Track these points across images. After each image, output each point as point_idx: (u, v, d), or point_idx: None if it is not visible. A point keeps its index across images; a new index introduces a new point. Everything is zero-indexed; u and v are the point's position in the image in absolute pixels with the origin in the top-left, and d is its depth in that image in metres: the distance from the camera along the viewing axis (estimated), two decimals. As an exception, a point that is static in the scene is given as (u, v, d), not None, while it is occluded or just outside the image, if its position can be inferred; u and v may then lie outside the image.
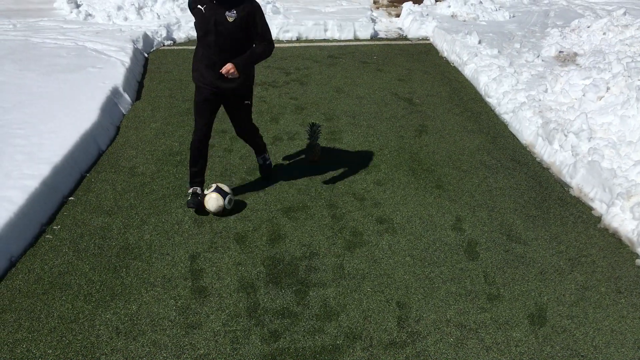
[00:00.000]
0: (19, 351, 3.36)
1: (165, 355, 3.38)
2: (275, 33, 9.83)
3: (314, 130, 5.43)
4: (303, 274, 4.07)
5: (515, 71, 7.49)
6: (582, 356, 3.44)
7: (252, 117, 4.89)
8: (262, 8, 10.18)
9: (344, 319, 3.68)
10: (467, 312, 3.77)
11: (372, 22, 10.40)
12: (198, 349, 3.43)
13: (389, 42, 9.83)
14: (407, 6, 10.85)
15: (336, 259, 4.24)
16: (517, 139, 6.28)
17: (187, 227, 4.58)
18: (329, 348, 3.45)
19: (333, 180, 5.28)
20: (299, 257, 4.25)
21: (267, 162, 5.27)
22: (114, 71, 7.28)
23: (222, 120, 6.49)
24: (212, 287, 3.93)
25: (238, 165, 5.53)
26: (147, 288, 3.91)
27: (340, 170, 5.46)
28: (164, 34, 9.45)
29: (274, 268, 4.13)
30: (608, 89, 6.09)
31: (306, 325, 3.63)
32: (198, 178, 4.76)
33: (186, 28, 9.79)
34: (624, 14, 8.73)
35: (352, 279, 4.03)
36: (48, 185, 4.73)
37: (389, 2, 12.04)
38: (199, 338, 3.50)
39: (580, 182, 5.21)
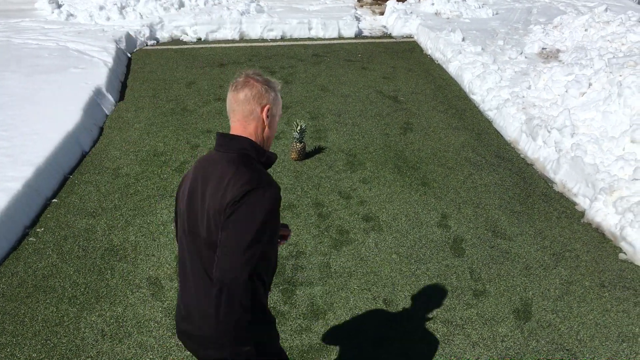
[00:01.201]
0: (3, 355, 3.32)
1: (152, 356, 3.36)
2: (259, 32, 9.82)
3: (300, 129, 5.43)
4: (290, 273, 4.07)
5: (499, 68, 7.54)
6: (567, 350, 3.48)
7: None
8: (247, 7, 10.20)
9: (331, 317, 3.68)
10: (453, 308, 3.79)
11: (357, 20, 10.41)
12: (184, 350, 3.41)
13: (373, 40, 9.84)
14: (391, 4, 10.87)
15: (323, 258, 4.24)
16: (502, 136, 6.32)
17: (172, 228, 4.55)
18: (316, 347, 3.45)
19: (319, 179, 5.28)
20: (286, 256, 4.24)
21: None
22: (96, 72, 7.22)
23: (207, 120, 6.46)
24: (199, 287, 3.91)
25: (223, 165, 5.51)
26: (133, 290, 3.88)
27: (326, 169, 5.46)
28: (147, 33, 9.38)
29: (260, 267, 4.12)
30: (590, 85, 6.15)
31: (293, 324, 3.63)
32: None
33: (169, 27, 9.73)
34: (605, 10, 8.81)
35: (339, 277, 4.04)
36: (31, 187, 4.68)
37: (373, 0, 12.05)
38: (186, 339, 3.48)
39: (563, 177, 5.26)
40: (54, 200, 4.87)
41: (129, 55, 8.70)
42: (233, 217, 1.93)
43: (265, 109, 2.10)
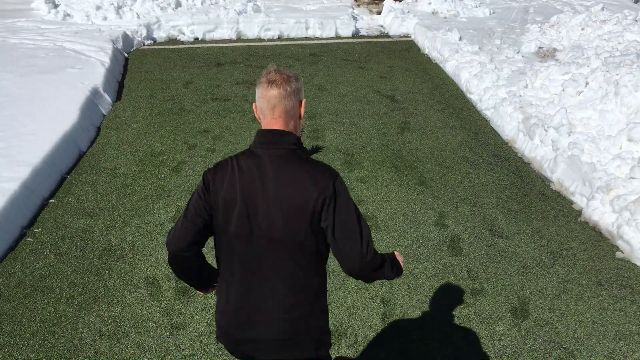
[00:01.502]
0: (1, 356, 3.32)
1: (150, 356, 3.36)
2: (256, 31, 9.81)
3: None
4: (287, 273, 4.07)
5: (496, 67, 7.55)
6: (564, 348, 3.48)
7: (235, 116, 4.80)
8: (244, 6, 10.19)
9: (329, 316, 3.68)
10: (450, 307, 3.80)
11: (354, 19, 10.41)
12: (183, 349, 3.41)
13: (370, 40, 9.85)
14: (388, 4, 10.87)
15: (320, 257, 4.24)
16: (499, 135, 6.33)
17: (170, 227, 4.55)
18: (314, 346, 3.45)
19: (316, 178, 5.27)
20: (283, 256, 4.24)
21: None
22: (93, 71, 7.21)
23: (204, 120, 6.46)
24: (196, 287, 3.91)
25: (221, 165, 5.50)
26: (131, 290, 3.88)
27: (324, 168, 5.45)
28: (144, 33, 9.37)
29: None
30: (587, 83, 6.16)
31: (291, 323, 3.63)
32: None
33: (166, 27, 9.72)
34: (602, 9, 8.84)
35: (337, 277, 4.04)
36: (28, 187, 4.67)
37: (370, -1, 12.06)
38: (184, 339, 3.49)
39: (560, 176, 5.27)
40: (51, 200, 4.87)
41: (126, 55, 8.69)
42: (337, 211, 1.97)
43: (303, 104, 2.13)
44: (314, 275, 2.09)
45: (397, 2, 11.04)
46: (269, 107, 2.06)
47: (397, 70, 8.21)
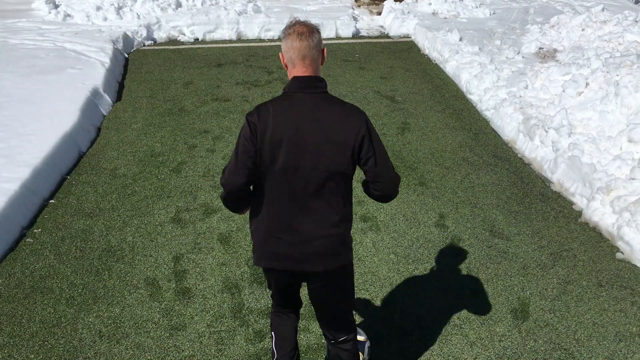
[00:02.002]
0: (0, 356, 3.32)
1: (149, 357, 3.36)
2: (257, 32, 9.82)
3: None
4: (287, 273, 4.07)
5: (496, 68, 7.55)
6: (564, 349, 3.48)
7: (235, 117, 4.80)
8: (244, 7, 10.19)
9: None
10: (450, 308, 3.80)
11: (354, 20, 10.41)
12: (183, 350, 3.41)
13: (370, 40, 9.85)
14: (388, 4, 10.87)
15: (320, 258, 4.23)
16: (499, 136, 6.33)
17: (170, 228, 4.55)
18: (314, 347, 3.45)
19: (316, 179, 5.27)
20: (283, 257, 4.23)
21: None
22: (93, 72, 7.21)
23: (204, 120, 6.46)
24: (196, 288, 3.91)
25: (221, 166, 5.50)
26: (130, 290, 3.88)
27: (324, 169, 5.45)
28: (144, 34, 9.37)
29: (258, 268, 4.12)
30: (587, 84, 6.16)
31: (291, 324, 3.62)
32: None
33: (166, 28, 9.72)
34: (602, 10, 8.84)
35: (337, 278, 4.03)
36: (28, 188, 4.67)
37: (370, 0, 12.05)
38: (184, 340, 3.48)
39: (561, 177, 5.27)
40: (51, 201, 4.86)
41: (126, 55, 8.69)
42: (372, 144, 2.41)
43: (325, 52, 2.45)
44: (347, 201, 2.51)
45: (397, 3, 11.04)
46: (299, 57, 2.36)
47: (397, 71, 8.21)
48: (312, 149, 2.34)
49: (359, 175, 5.36)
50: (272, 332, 2.90)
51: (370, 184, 2.49)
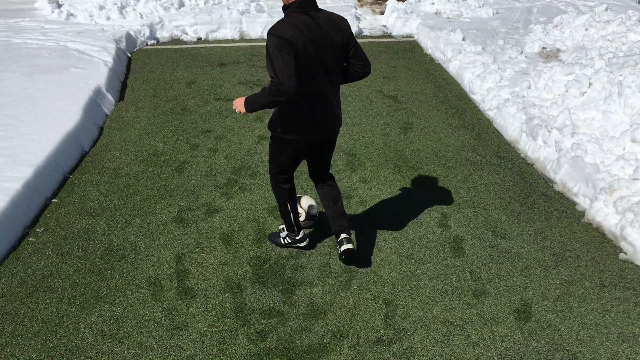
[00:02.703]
0: (2, 356, 3.32)
1: (151, 357, 3.36)
2: (259, 31, 9.81)
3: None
4: (289, 273, 4.07)
5: (499, 68, 7.53)
6: (567, 350, 3.47)
7: (237, 117, 4.80)
8: (247, 6, 10.18)
9: (330, 318, 3.68)
10: (453, 308, 3.79)
11: (357, 19, 10.41)
12: (184, 350, 3.41)
13: (373, 40, 9.84)
14: (391, 4, 10.86)
15: (322, 258, 4.23)
16: (502, 135, 6.31)
17: (172, 227, 4.55)
18: (316, 347, 3.45)
19: (319, 179, 5.27)
20: (285, 257, 4.24)
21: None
22: (96, 71, 7.22)
23: (207, 120, 6.46)
24: (198, 287, 3.91)
25: (223, 165, 5.51)
26: (132, 290, 3.88)
27: (326, 169, 5.45)
28: (147, 33, 9.38)
29: (260, 268, 4.12)
30: (590, 84, 6.14)
31: (293, 324, 3.62)
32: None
33: (169, 27, 9.73)
34: (606, 10, 8.81)
35: (339, 278, 4.03)
36: (30, 187, 4.67)
37: (373, -1, 12.05)
38: (186, 339, 3.48)
39: (564, 177, 5.25)
40: (53, 200, 4.87)
41: (129, 55, 8.70)
42: (354, 40, 3.51)
43: None
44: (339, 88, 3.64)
45: (400, 2, 11.03)
46: None
47: (400, 71, 8.20)
48: (328, 55, 3.34)
49: (359, 175, 5.37)
50: (289, 202, 4.01)
51: (352, 66, 3.57)
